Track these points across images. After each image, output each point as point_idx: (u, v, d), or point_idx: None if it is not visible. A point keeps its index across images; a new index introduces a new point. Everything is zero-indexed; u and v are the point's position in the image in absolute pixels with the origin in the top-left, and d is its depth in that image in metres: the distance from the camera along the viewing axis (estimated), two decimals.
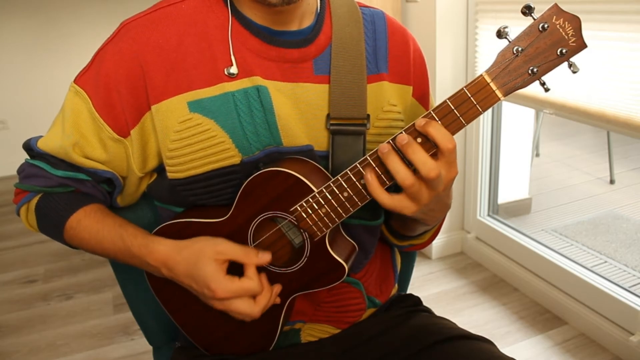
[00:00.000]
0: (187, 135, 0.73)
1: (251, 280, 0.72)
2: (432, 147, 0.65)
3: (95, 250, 0.81)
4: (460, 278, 2.20)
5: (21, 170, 0.83)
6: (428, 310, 0.96)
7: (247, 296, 0.72)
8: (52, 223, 0.82)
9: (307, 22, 0.78)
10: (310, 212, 0.71)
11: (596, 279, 1.81)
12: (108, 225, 0.79)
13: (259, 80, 0.74)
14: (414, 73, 0.84)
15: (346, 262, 0.74)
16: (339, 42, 0.78)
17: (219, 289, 0.70)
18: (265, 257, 0.73)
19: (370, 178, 0.67)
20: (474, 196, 2.27)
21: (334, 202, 0.70)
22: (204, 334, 0.85)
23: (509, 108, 2.25)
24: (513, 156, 2.41)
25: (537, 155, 3.66)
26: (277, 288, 0.76)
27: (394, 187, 0.68)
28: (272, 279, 0.77)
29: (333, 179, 0.70)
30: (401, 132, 0.66)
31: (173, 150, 0.74)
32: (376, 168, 0.68)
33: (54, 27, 3.66)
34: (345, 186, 0.69)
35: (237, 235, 0.75)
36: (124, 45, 0.73)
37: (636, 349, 1.62)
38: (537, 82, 0.65)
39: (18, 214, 0.85)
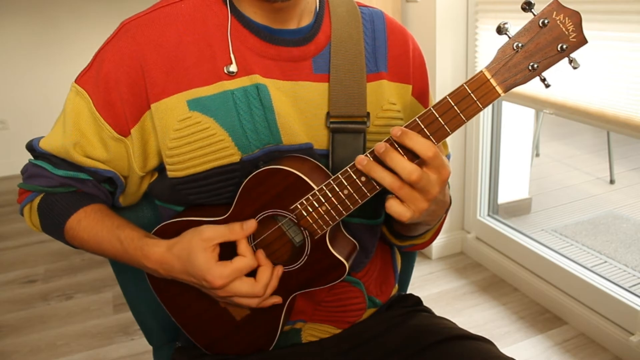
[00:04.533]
0: (186, 134, 0.73)
1: (243, 257, 0.71)
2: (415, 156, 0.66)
3: (94, 251, 0.82)
4: (460, 278, 2.20)
5: (24, 170, 0.83)
6: (428, 310, 0.96)
7: (245, 276, 0.72)
8: (53, 223, 0.82)
9: (306, 20, 0.78)
10: (310, 210, 0.71)
11: (596, 279, 1.81)
12: (106, 227, 0.79)
13: (258, 79, 0.74)
14: (413, 72, 0.85)
15: (347, 260, 0.74)
16: (338, 41, 0.78)
17: (215, 278, 0.70)
18: (249, 226, 0.72)
19: (393, 202, 0.67)
20: (474, 196, 2.27)
21: (334, 200, 0.70)
22: (204, 333, 0.85)
23: (509, 108, 2.25)
24: (513, 156, 2.41)
25: (537, 155, 3.66)
26: (279, 269, 0.75)
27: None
28: None
29: (333, 177, 0.69)
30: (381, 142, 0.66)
31: (173, 148, 0.74)
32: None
33: (54, 27, 3.67)
34: (346, 184, 0.69)
35: None
36: (124, 45, 0.74)
37: (636, 349, 1.62)
38: (537, 79, 0.65)
39: (22, 214, 0.85)
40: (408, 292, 1.04)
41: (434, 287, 2.15)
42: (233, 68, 0.73)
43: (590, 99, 1.56)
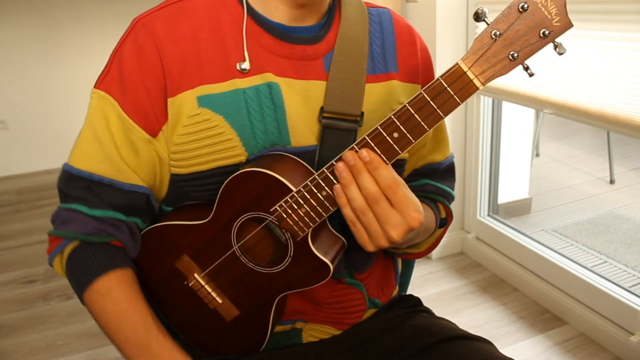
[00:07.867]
0: (194, 131, 0.72)
1: None
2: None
3: (108, 324, 0.76)
4: (460, 278, 2.20)
5: (55, 217, 0.78)
6: (428, 311, 0.96)
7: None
8: (79, 279, 0.77)
9: (320, 18, 0.78)
10: (290, 212, 0.69)
11: (596, 279, 1.81)
12: (138, 310, 0.75)
13: (270, 77, 0.73)
14: (422, 71, 0.84)
15: (332, 260, 0.73)
16: (344, 39, 0.78)
17: None
18: None
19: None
20: (474, 196, 2.27)
21: (313, 202, 0.68)
22: (196, 335, 0.85)
23: (509, 108, 2.25)
24: (513, 156, 2.41)
25: (537, 155, 3.66)
26: None
27: None
28: (258, 279, 0.76)
29: (310, 178, 0.68)
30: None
31: (178, 144, 0.73)
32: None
33: (53, 27, 3.66)
34: (323, 185, 0.67)
35: (221, 236, 0.74)
36: (143, 41, 0.72)
37: (636, 349, 1.62)
38: (520, 67, 0.61)
39: (51, 265, 0.80)
40: (408, 292, 1.04)
41: (434, 287, 2.15)
42: (246, 65, 0.72)
43: (590, 99, 1.56)
